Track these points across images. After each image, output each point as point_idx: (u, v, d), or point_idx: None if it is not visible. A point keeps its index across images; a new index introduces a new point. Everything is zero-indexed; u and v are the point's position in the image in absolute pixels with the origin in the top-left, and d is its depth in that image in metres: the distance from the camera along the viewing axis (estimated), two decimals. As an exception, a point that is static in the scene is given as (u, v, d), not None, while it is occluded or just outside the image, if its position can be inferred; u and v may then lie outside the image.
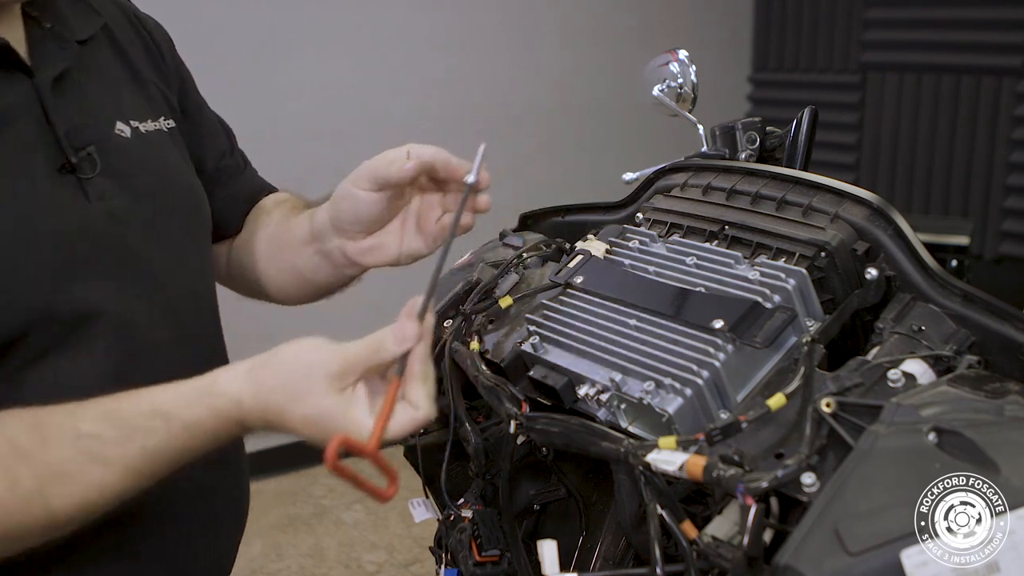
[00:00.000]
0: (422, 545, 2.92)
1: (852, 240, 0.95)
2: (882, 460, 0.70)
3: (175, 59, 1.13)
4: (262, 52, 3.13)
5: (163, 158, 1.02)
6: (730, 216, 1.04)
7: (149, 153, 0.99)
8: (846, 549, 0.64)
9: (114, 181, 0.93)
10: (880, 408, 0.74)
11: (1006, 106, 3.67)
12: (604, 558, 1.02)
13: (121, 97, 1.00)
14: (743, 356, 0.89)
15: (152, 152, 1.00)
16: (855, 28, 4.04)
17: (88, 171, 0.91)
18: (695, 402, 0.87)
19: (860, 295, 0.94)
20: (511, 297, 1.13)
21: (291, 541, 3.00)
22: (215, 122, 1.19)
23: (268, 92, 3.15)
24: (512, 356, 1.05)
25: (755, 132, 1.25)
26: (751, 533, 0.71)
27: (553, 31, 3.79)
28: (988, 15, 3.65)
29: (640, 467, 0.80)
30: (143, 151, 0.99)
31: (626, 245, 1.08)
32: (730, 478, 0.73)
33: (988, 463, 0.68)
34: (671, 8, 4.11)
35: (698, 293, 0.95)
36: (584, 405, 0.95)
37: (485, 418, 1.14)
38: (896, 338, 0.89)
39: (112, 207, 0.91)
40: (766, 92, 4.40)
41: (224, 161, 1.18)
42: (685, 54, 1.33)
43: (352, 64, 3.31)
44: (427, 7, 3.45)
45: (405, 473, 0.84)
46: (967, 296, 0.89)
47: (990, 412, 0.74)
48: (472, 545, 1.05)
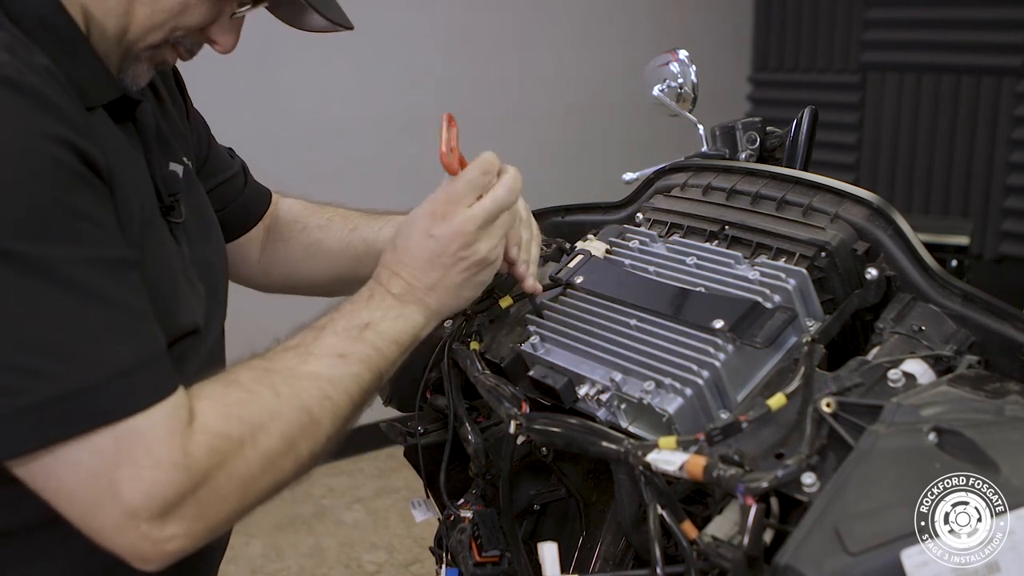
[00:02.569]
0: (422, 545, 2.92)
1: (852, 240, 0.95)
2: (882, 460, 0.70)
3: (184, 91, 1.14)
4: (263, 52, 3.12)
5: (200, 196, 1.06)
6: (730, 216, 1.04)
7: (194, 192, 1.03)
8: (846, 549, 0.64)
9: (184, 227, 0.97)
10: (880, 408, 0.74)
11: (1006, 106, 3.68)
12: (604, 558, 1.02)
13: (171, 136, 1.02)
14: (743, 356, 0.89)
15: (194, 191, 1.03)
16: (855, 28, 4.04)
17: (178, 217, 0.95)
18: (695, 402, 0.87)
19: (860, 295, 0.94)
20: (511, 297, 1.14)
21: (291, 541, 3.00)
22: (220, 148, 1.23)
23: (269, 92, 3.15)
24: (512, 356, 1.05)
25: (755, 132, 1.25)
26: (751, 533, 0.71)
27: (553, 31, 3.79)
28: (988, 15, 3.65)
29: (640, 467, 0.80)
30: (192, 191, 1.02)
31: (626, 245, 1.08)
32: (730, 478, 0.73)
33: (988, 463, 0.68)
34: (671, 8, 4.11)
35: (698, 293, 0.95)
36: (584, 405, 0.95)
37: (485, 418, 1.14)
38: (896, 338, 0.89)
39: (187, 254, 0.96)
40: (766, 92, 4.40)
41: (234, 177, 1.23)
42: (685, 54, 1.33)
43: (353, 65, 3.31)
44: (428, 8, 3.45)
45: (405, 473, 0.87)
46: (967, 296, 0.89)
47: (990, 412, 0.74)
48: (472, 545, 1.05)
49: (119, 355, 0.72)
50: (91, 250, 0.73)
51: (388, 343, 0.90)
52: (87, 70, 0.84)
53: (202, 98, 1.22)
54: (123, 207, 0.81)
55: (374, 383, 0.89)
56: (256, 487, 0.79)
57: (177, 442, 0.73)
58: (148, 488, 0.71)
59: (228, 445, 0.76)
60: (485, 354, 1.10)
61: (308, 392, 0.83)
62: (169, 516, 0.72)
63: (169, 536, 0.73)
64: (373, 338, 0.89)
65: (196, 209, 1.02)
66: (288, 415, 0.80)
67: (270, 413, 0.79)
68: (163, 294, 0.86)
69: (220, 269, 1.06)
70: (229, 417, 0.77)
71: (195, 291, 0.95)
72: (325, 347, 0.86)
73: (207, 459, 0.74)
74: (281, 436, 0.80)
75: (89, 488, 0.71)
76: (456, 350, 1.11)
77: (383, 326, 0.90)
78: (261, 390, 0.80)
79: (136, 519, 0.71)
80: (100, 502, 0.71)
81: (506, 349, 1.09)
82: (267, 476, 0.79)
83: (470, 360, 1.07)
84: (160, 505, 0.72)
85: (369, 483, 3.34)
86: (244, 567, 2.84)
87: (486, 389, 1.01)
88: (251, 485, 0.78)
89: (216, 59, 1.01)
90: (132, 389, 0.72)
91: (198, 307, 0.94)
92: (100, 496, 0.71)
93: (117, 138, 0.87)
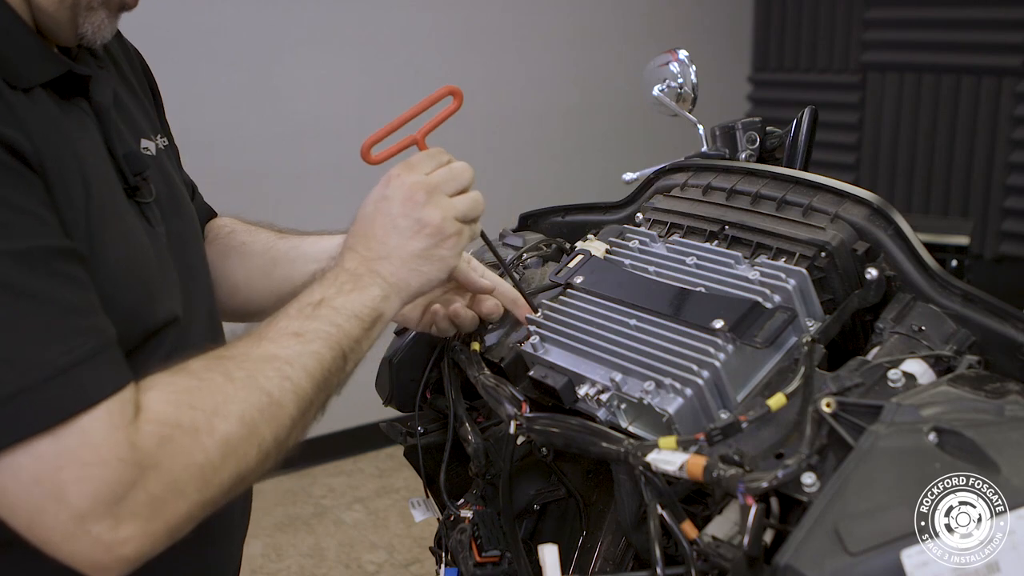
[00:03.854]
0: (422, 545, 2.92)
1: (852, 240, 0.95)
2: (882, 460, 0.70)
3: (153, 80, 1.12)
4: (264, 52, 3.13)
5: (174, 176, 1.03)
6: (730, 216, 1.04)
7: (167, 172, 1.00)
8: (846, 549, 0.64)
9: (158, 205, 0.94)
10: (880, 408, 0.74)
11: (1006, 106, 3.67)
12: (604, 558, 1.02)
13: (138, 115, 1.00)
14: (743, 356, 0.89)
15: (167, 171, 1.01)
16: (855, 28, 4.03)
17: (147, 196, 0.92)
18: (695, 402, 0.87)
19: (860, 295, 0.94)
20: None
21: (291, 541, 3.00)
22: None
23: (269, 92, 3.15)
24: (512, 356, 1.05)
25: (755, 132, 1.25)
26: (751, 533, 0.71)
27: (553, 32, 3.79)
28: (988, 15, 3.65)
29: (640, 467, 0.80)
30: (164, 171, 0.99)
31: (626, 245, 1.08)
32: (730, 478, 0.73)
33: (988, 463, 0.68)
34: (671, 8, 4.11)
35: (698, 293, 0.95)
36: (584, 405, 0.95)
37: (485, 418, 1.14)
38: (896, 338, 0.89)
39: (163, 232, 0.93)
40: (766, 92, 4.40)
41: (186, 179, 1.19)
42: (685, 54, 1.33)
43: (353, 64, 3.31)
44: (429, 7, 3.45)
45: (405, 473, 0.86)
46: (967, 296, 0.89)
47: (990, 412, 0.74)
48: (472, 545, 1.05)
49: (54, 354, 0.67)
50: (18, 242, 0.68)
51: (347, 318, 0.85)
52: (17, 48, 0.79)
53: (202, 98, 1.22)
54: (60, 192, 0.75)
55: (337, 361, 0.84)
56: (218, 477, 0.73)
57: (123, 436, 0.68)
58: (95, 487, 0.66)
59: (180, 434, 0.71)
60: (485, 354, 1.10)
61: (264, 373, 0.78)
62: (121, 516, 0.67)
63: (124, 539, 0.68)
64: (329, 314, 0.85)
65: (170, 187, 0.99)
66: (245, 398, 0.76)
67: (225, 397, 0.75)
68: (134, 282, 0.83)
69: (195, 246, 1.02)
70: (179, 405, 0.73)
71: (172, 276, 0.92)
72: (278, 329, 0.82)
73: (157, 450, 0.69)
74: (240, 420, 0.75)
75: (32, 494, 0.67)
76: (456, 350, 1.11)
77: (338, 301, 0.86)
78: (213, 376, 0.76)
79: (85, 523, 0.66)
80: (45, 508, 0.67)
81: (506, 349, 1.09)
82: (229, 463, 0.74)
83: (470, 360, 1.07)
84: (109, 504, 0.67)
85: (369, 483, 3.34)
86: (244, 567, 2.83)
87: (486, 389, 1.01)
88: (211, 475, 0.73)
89: (216, 59, 1.01)
90: (71, 388, 0.67)
91: (176, 293, 0.91)
92: (45, 501, 0.66)
93: (60, 118, 0.81)
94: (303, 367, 0.80)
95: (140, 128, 0.97)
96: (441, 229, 0.91)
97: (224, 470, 0.74)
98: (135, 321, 0.84)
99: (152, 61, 1.12)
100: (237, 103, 3.06)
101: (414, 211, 0.90)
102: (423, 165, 0.93)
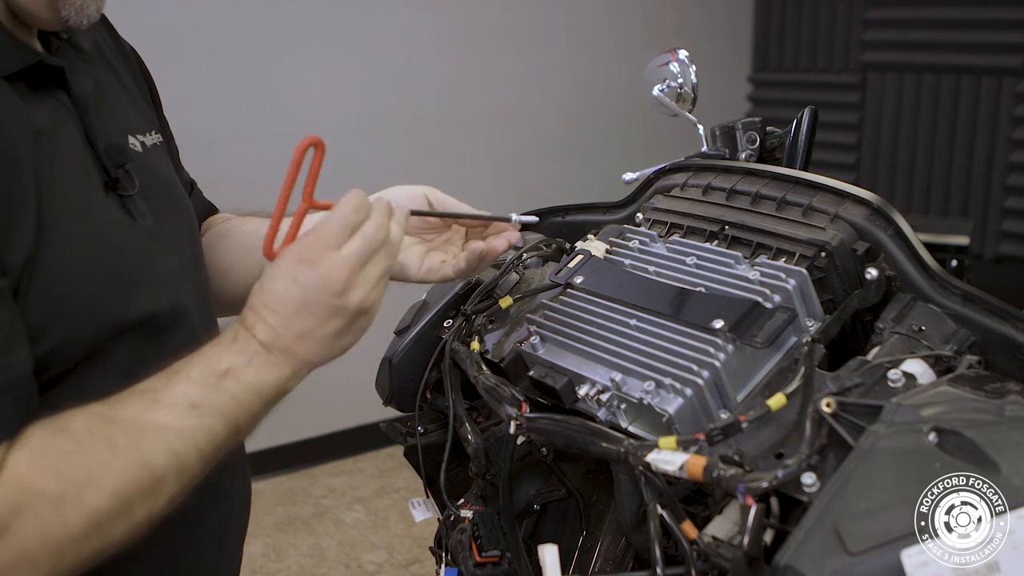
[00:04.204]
0: (422, 545, 2.92)
1: (852, 240, 0.95)
2: (882, 460, 0.70)
3: (150, 79, 1.11)
4: (264, 52, 3.13)
5: (167, 172, 1.02)
6: (730, 216, 1.04)
7: (158, 168, 0.99)
8: (846, 549, 0.64)
9: (144, 199, 0.92)
10: (880, 408, 0.74)
11: (1006, 106, 3.67)
12: (604, 558, 1.02)
13: (127, 110, 0.99)
14: (743, 356, 0.89)
15: (158, 166, 0.99)
16: (855, 28, 4.03)
17: (129, 189, 0.89)
18: (695, 402, 0.87)
19: (860, 295, 0.94)
20: (511, 297, 1.14)
21: (291, 541, 3.00)
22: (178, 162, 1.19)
23: (269, 92, 3.15)
24: (512, 356, 1.05)
25: (755, 132, 1.25)
26: (751, 533, 0.71)
27: (553, 32, 3.79)
28: (988, 15, 3.65)
29: (640, 467, 0.80)
30: (154, 166, 0.98)
31: (626, 245, 1.08)
32: (730, 478, 0.73)
33: (988, 463, 0.68)
34: (671, 8, 4.11)
35: (698, 293, 0.95)
36: (584, 405, 0.95)
37: (485, 418, 1.14)
38: (896, 338, 0.89)
39: (150, 226, 0.91)
40: (766, 92, 4.40)
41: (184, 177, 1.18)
42: (685, 54, 1.33)
43: (353, 64, 3.31)
44: (429, 7, 3.45)
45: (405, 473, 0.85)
46: (967, 296, 0.89)
47: (990, 412, 0.74)
48: (472, 545, 1.05)
49: None
50: None
51: (249, 394, 0.79)
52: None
53: (202, 98, 1.22)
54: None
55: (230, 437, 0.79)
56: (77, 551, 0.69)
57: None
58: None
59: (40, 503, 0.67)
60: (485, 354, 1.10)
61: (150, 446, 0.73)
62: None
63: None
64: (232, 387, 0.78)
65: (161, 183, 0.97)
66: (124, 468, 0.71)
67: (101, 467, 0.70)
68: (98, 274, 0.81)
69: (189, 241, 1.00)
70: (47, 471, 0.68)
71: (158, 270, 0.90)
72: (176, 394, 0.76)
73: (9, 517, 0.65)
74: (114, 494, 0.70)
75: None
76: (456, 350, 1.11)
77: (246, 375, 0.79)
78: (94, 441, 0.71)
79: None
80: None
81: (506, 349, 1.09)
82: (92, 539, 0.70)
83: (470, 360, 1.07)
84: None
85: (369, 483, 3.34)
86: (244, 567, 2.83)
87: (486, 389, 1.01)
88: (70, 548, 0.69)
89: (216, 59, 1.01)
90: None
91: (163, 288, 0.89)
92: None
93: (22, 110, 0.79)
94: (193, 442, 0.76)
95: (128, 123, 0.97)
96: (360, 308, 0.82)
97: (86, 545, 0.70)
98: (100, 313, 0.81)
99: (152, 61, 1.12)
100: (237, 103, 3.06)
101: (331, 299, 0.80)
102: (333, 239, 0.80)
